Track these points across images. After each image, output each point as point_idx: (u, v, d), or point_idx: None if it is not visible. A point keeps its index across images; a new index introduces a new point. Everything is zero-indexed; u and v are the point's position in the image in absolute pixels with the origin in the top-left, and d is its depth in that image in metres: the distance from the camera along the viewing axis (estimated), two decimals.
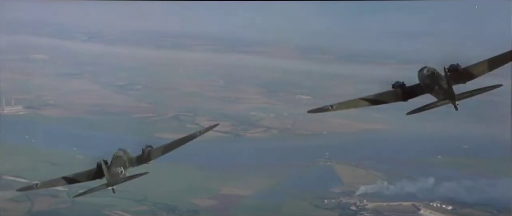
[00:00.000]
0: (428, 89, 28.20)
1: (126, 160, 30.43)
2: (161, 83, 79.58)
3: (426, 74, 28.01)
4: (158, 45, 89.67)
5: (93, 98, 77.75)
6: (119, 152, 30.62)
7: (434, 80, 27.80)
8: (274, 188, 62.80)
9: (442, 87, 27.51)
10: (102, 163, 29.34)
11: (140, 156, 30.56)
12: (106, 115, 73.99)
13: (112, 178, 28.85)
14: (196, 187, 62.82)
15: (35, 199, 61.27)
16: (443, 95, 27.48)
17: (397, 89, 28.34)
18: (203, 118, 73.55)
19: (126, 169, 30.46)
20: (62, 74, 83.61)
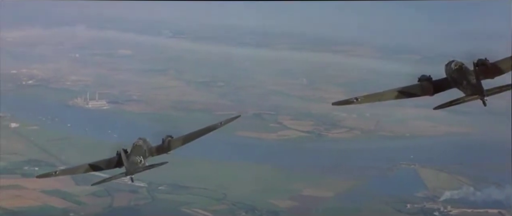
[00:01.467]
0: (455, 84, 26.41)
1: (146, 150, 29.78)
2: (244, 80, 79.25)
3: (453, 68, 26.72)
4: (242, 43, 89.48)
5: (176, 94, 77.82)
6: (139, 141, 30.02)
7: (462, 75, 26.01)
8: (355, 190, 61.59)
9: (470, 81, 25.72)
10: (121, 152, 28.80)
11: (160, 145, 29.87)
12: (188, 112, 73.92)
13: (131, 167, 28.26)
14: (277, 188, 62.02)
15: (115, 195, 61.44)
16: (471, 90, 25.66)
17: (423, 83, 27.19)
18: (286, 117, 72.88)
19: (146, 158, 29.85)
20: (146, 70, 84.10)
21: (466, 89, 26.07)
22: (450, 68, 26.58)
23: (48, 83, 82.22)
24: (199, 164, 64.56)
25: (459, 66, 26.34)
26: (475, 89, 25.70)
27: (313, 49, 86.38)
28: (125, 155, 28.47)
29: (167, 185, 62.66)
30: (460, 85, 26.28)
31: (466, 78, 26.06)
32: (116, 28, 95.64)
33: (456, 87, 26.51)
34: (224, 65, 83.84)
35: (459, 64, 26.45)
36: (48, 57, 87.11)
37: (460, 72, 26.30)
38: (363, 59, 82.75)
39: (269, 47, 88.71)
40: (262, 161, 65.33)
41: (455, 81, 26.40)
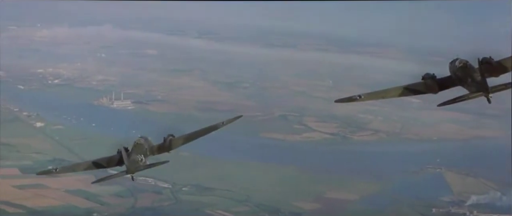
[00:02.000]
0: (460, 82, 26.47)
1: (147, 148, 29.68)
2: (269, 81, 78.86)
3: (458, 66, 26.56)
4: (268, 43, 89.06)
5: (201, 95, 77.55)
6: (140, 140, 29.92)
7: (466, 72, 26.12)
8: (380, 193, 61.10)
9: (475, 79, 25.82)
10: (122, 150, 28.64)
11: (161, 144, 29.79)
12: (213, 112, 73.56)
13: (132, 165, 28.08)
14: (301, 190, 61.64)
15: (138, 195, 61.39)
16: (476, 87, 25.80)
17: (427, 81, 26.97)
18: (311, 119, 72.44)
19: (147, 157, 29.67)
20: (171, 70, 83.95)
21: (470, 86, 25.99)
22: (454, 66, 26.50)
23: (74, 82, 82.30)
24: (223, 166, 64.44)
25: (464, 64, 26.24)
26: (480, 86, 25.63)
27: (339, 50, 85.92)
28: (126, 153, 28.30)
29: (191, 186, 62.51)
30: (464, 83, 26.19)
31: (470, 76, 25.98)
32: (142, 28, 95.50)
33: (461, 85, 26.40)
34: (249, 65, 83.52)
35: (464, 62, 26.32)
36: (75, 57, 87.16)
37: (465, 70, 26.21)
38: (389, 61, 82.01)
39: (295, 48, 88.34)
40: (286, 163, 65.02)
41: (460, 79, 26.32)
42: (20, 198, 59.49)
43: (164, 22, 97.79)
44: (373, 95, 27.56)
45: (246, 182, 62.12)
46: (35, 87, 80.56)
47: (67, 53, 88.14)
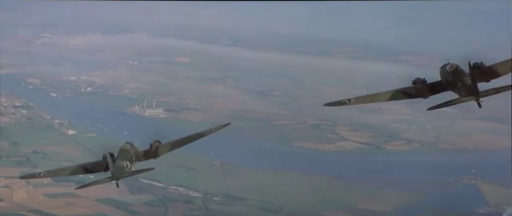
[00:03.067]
0: (450, 86, 26.49)
1: (132, 154, 29.07)
2: (302, 90, 78.17)
3: (449, 70, 26.63)
4: (301, 51, 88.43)
5: (233, 103, 77.08)
6: (126, 146, 29.35)
7: (457, 77, 26.09)
8: (414, 205, 60.15)
9: (465, 83, 25.76)
10: (108, 156, 28.06)
11: (147, 150, 29.21)
12: (245, 121, 73.09)
13: (117, 171, 27.50)
14: (333, 200, 60.92)
15: (169, 205, 61.05)
16: (466, 91, 25.80)
17: (418, 85, 26.83)
18: (344, 128, 71.67)
19: (133, 163, 29.08)
20: (204, 78, 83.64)
21: (461, 90, 26.10)
22: (445, 71, 26.61)
23: (106, 90, 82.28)
24: (255, 175, 63.92)
25: (455, 69, 26.30)
26: (470, 91, 25.58)
27: (375, 58, 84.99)
28: (112, 159, 27.80)
29: (222, 195, 61.99)
30: (455, 88, 26.25)
31: (461, 80, 26.01)
32: (176, 35, 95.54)
33: (451, 90, 26.47)
34: (282, 74, 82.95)
35: (455, 66, 26.36)
36: (108, 64, 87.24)
37: (455, 74, 26.25)
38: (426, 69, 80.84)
39: (328, 56, 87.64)
40: (319, 172, 64.34)
41: (450, 84, 26.39)
42: (51, 207, 59.44)
43: (198, 30, 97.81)
44: (363, 99, 27.87)
45: (278, 192, 61.49)
46: (68, 94, 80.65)
47: (100, 61, 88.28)
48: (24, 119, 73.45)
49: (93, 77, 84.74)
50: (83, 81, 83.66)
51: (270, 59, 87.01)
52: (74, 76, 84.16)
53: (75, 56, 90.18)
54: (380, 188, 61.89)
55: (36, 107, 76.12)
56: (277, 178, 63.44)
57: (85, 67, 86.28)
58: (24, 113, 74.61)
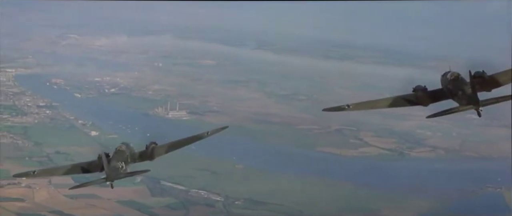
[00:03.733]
0: (450, 94, 26.62)
1: (128, 155, 28.60)
2: (327, 94, 77.61)
3: (449, 78, 26.60)
4: (326, 55, 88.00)
5: (256, 107, 76.71)
6: (122, 146, 28.91)
7: (457, 85, 26.23)
8: (437, 213, 59.45)
9: (466, 92, 25.81)
10: (103, 156, 27.58)
11: (143, 152, 28.75)
12: (269, 125, 72.76)
13: (112, 172, 27.01)
14: (356, 206, 60.36)
15: (190, 207, 60.77)
16: (466, 100, 25.85)
17: (418, 93, 26.49)
18: (367, 134, 71.02)
19: (128, 164, 28.60)
20: (228, 81, 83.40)
21: (461, 99, 25.92)
22: (446, 79, 26.44)
23: (130, 91, 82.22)
24: (277, 179, 63.48)
25: (455, 77, 26.08)
26: (470, 99, 25.29)
27: (400, 63, 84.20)
28: (107, 159, 27.37)
29: (244, 200, 61.61)
30: (455, 96, 25.97)
31: (461, 89, 25.76)
32: (201, 38, 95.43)
33: (451, 98, 26.27)
34: (306, 78, 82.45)
35: (455, 74, 26.14)
36: (132, 66, 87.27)
37: (456, 83, 26.04)
38: None
39: (353, 60, 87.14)
40: (341, 178, 63.80)
41: (451, 92, 26.22)
42: (72, 207, 59.34)
43: (223, 32, 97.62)
44: (362, 105, 27.73)
45: (299, 197, 60.99)
46: (92, 95, 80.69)
47: (125, 62, 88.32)
48: (47, 119, 73.53)
49: (117, 78, 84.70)
50: (107, 82, 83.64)
51: (294, 62, 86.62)
52: (98, 77, 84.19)
53: (100, 57, 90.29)
54: (403, 196, 61.23)
55: (60, 107, 76.19)
56: (299, 183, 62.94)
57: (110, 68, 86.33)
58: (48, 113, 74.70)
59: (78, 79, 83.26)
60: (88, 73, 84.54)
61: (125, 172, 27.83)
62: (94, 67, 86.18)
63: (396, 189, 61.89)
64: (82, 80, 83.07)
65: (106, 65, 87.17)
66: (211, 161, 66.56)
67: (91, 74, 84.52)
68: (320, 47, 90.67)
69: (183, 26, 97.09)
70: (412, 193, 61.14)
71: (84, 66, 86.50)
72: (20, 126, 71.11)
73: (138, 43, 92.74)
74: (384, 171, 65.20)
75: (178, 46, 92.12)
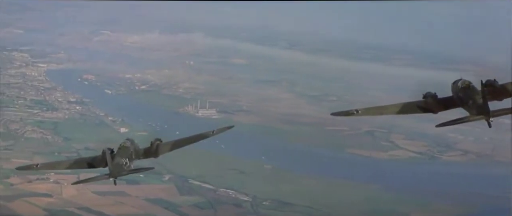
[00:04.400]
0: (461, 103, 25.81)
1: (132, 152, 28.01)
2: (357, 96, 76.93)
3: (460, 86, 25.84)
4: (358, 57, 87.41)
5: (286, 107, 76.30)
6: (126, 142, 28.32)
7: (468, 94, 25.42)
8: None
9: (476, 102, 24.94)
10: (106, 152, 27.01)
11: (147, 148, 28.13)
12: (298, 125, 72.32)
13: (115, 169, 26.46)
14: (384, 209, 59.75)
15: (218, 207, 60.50)
16: (477, 110, 24.95)
17: (428, 100, 25.84)
18: (398, 136, 70.36)
19: (132, 161, 28.04)
20: (259, 80, 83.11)
21: (471, 108, 25.21)
22: (457, 87, 25.79)
23: (161, 89, 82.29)
24: (306, 180, 63.10)
25: (467, 85, 25.40)
26: (481, 109, 24.58)
27: (433, 66, 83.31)
28: (111, 155, 26.84)
29: (272, 200, 61.24)
30: (465, 105, 25.32)
31: (472, 98, 25.09)
32: (233, 37, 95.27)
33: (462, 107, 25.59)
34: (337, 79, 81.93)
35: (467, 83, 25.46)
36: (163, 63, 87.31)
37: (467, 91, 25.36)
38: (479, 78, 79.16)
39: (385, 62, 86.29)
40: (371, 181, 63.19)
41: (461, 100, 25.55)
42: (100, 204, 59.35)
43: (255, 31, 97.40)
44: (371, 111, 27.09)
45: (327, 199, 60.51)
46: (122, 92, 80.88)
47: (156, 60, 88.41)
48: (78, 115, 73.76)
49: (148, 75, 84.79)
50: (138, 79, 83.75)
51: (326, 63, 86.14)
52: (129, 74, 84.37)
53: (132, 53, 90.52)
54: (432, 200, 60.52)
55: (90, 104, 76.39)
56: (328, 184, 62.50)
57: (141, 65, 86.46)
58: (78, 109, 74.94)
59: (109, 76, 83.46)
60: (119, 70, 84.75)
61: (128, 168, 27.36)
62: (126, 63, 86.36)
63: (425, 193, 61.19)
64: (113, 76, 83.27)
65: (138, 62, 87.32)
66: (239, 160, 66.36)
67: (122, 71, 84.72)
68: (352, 48, 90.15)
69: (215, 24, 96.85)
70: (441, 197, 60.43)
71: (115, 63, 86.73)
72: (50, 122, 71.37)
73: (170, 41, 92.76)
74: (414, 175, 64.54)
75: (209, 45, 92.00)
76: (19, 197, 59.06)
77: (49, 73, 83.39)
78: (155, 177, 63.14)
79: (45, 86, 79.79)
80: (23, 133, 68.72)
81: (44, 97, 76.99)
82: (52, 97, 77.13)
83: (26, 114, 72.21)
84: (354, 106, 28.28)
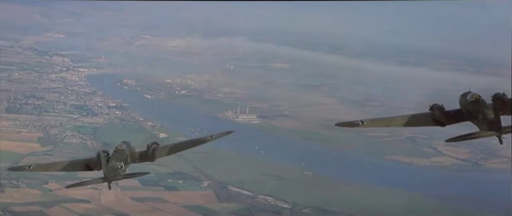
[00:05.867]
0: (470, 117, 25.49)
1: (128, 155, 27.17)
2: (400, 101, 75.61)
3: (469, 100, 24.56)
4: (400, 61, 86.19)
5: (328, 112, 75.22)
6: (122, 145, 27.58)
7: (478, 108, 25.11)
8: None
9: (487, 116, 24.53)
10: (101, 154, 26.14)
11: (144, 152, 27.26)
12: (339, 131, 70.93)
13: (110, 172, 25.60)
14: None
15: (257, 214, 59.84)
16: (488, 125, 24.65)
17: (435, 112, 24.82)
18: (441, 142, 68.39)
19: (127, 164, 27.17)
20: (300, 85, 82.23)
21: (481, 123, 24.10)
22: (465, 100, 24.85)
23: (201, 94, 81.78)
24: (346, 188, 62.15)
25: (476, 99, 24.36)
26: (493, 125, 23.51)
27: (477, 71, 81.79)
28: (105, 158, 26.07)
29: (312, 208, 60.33)
30: (475, 119, 24.23)
31: (482, 112, 24.01)
32: (274, 41, 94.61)
33: (470, 121, 24.66)
34: (380, 84, 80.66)
35: (476, 96, 24.48)
36: (204, 68, 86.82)
37: (477, 105, 24.37)
38: None
39: (428, 67, 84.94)
40: (412, 188, 62.00)
41: (470, 114, 24.53)
42: (137, 211, 58.99)
43: (297, 35, 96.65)
44: (377, 122, 26.38)
45: (369, 207, 59.45)
46: (162, 97, 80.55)
47: (197, 64, 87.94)
48: (117, 120, 73.54)
49: (188, 80, 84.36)
50: (178, 84, 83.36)
51: (368, 68, 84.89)
52: (169, 78, 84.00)
53: (172, 58, 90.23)
54: (476, 209, 59.22)
55: (130, 108, 76.14)
56: (368, 192, 61.44)
57: (181, 69, 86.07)
58: (117, 114, 74.75)
59: (149, 80, 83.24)
60: (159, 74, 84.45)
61: (124, 173, 26.59)
62: (166, 68, 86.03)
63: (468, 202, 59.93)
64: (153, 81, 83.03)
65: (178, 66, 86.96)
66: (279, 166, 65.57)
67: (162, 75, 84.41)
68: (395, 53, 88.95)
69: (256, 28, 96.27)
70: (485, 207, 59.11)
71: (155, 67, 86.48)
72: (90, 127, 71.26)
73: (211, 45, 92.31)
74: (457, 182, 63.22)
75: (250, 49, 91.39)
76: (57, 203, 58.92)
77: (89, 77, 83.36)
78: (193, 183, 62.80)
79: (85, 90, 79.74)
80: (63, 138, 68.67)
81: (84, 101, 76.94)
82: (92, 102, 77.04)
83: (66, 119, 72.16)
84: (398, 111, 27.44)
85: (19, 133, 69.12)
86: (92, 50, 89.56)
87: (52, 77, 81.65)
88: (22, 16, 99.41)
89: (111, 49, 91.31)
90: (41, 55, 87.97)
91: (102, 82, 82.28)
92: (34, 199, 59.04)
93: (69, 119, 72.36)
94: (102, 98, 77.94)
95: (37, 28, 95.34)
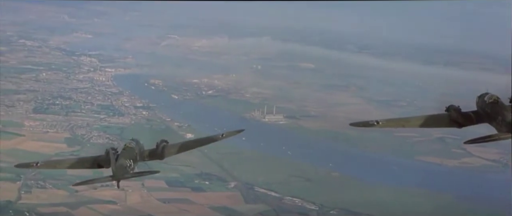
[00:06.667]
0: (487, 119, 24.35)
1: (137, 153, 26.52)
2: (428, 101, 74.60)
3: (487, 101, 24.00)
4: (428, 61, 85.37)
5: (355, 112, 74.43)
6: (131, 143, 26.84)
7: (496, 110, 23.93)
8: None
9: (506, 119, 23.45)
10: (110, 152, 25.53)
11: (153, 150, 26.57)
12: (366, 132, 70.19)
13: (119, 171, 24.97)
14: None
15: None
16: (507, 128, 23.44)
17: (451, 113, 23.97)
18: None
19: (136, 163, 26.56)
20: (327, 85, 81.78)
21: (500, 126, 23.22)
22: (483, 101, 23.94)
23: (228, 94, 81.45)
24: (374, 189, 61.39)
25: (494, 100, 23.50)
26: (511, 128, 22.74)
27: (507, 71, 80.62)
28: (114, 156, 25.44)
29: (339, 209, 59.61)
30: (493, 121, 23.36)
31: (501, 114, 23.09)
32: (301, 41, 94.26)
33: (488, 123, 23.80)
34: (408, 83, 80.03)
35: (495, 97, 23.62)
36: (231, 68, 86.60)
37: (495, 107, 23.53)
38: None
39: (457, 66, 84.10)
40: (442, 189, 61.12)
41: (488, 116, 23.64)
42: (163, 212, 58.60)
43: (324, 35, 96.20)
44: (392, 123, 25.57)
45: (397, 209, 58.65)
46: (189, 97, 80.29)
47: (224, 64, 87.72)
48: (144, 120, 73.33)
49: (215, 80, 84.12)
50: (205, 84, 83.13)
51: (396, 67, 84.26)
52: (196, 79, 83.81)
53: (199, 58, 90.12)
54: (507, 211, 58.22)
55: (156, 109, 75.95)
56: (397, 193, 60.68)
57: (208, 69, 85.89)
58: (144, 114, 74.56)
59: (176, 80, 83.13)
60: (186, 75, 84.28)
61: (133, 171, 26.08)
62: (193, 68, 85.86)
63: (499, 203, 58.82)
64: (180, 81, 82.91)
65: (205, 66, 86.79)
66: (306, 167, 64.99)
67: (189, 76, 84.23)
68: (423, 52, 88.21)
69: (283, 28, 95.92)
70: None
71: (182, 67, 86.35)
72: (117, 127, 71.09)
73: (238, 45, 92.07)
74: (487, 183, 62.24)
75: (278, 49, 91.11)
76: (83, 204, 58.72)
77: (116, 77, 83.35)
78: (220, 184, 62.40)
79: (112, 91, 79.68)
80: (90, 138, 68.56)
81: (111, 102, 76.84)
82: (119, 102, 76.92)
83: (93, 119, 72.06)
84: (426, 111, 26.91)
85: (46, 134, 69.10)
86: (119, 50, 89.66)
87: (79, 77, 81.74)
88: (50, 17, 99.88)
89: (138, 49, 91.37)
90: (68, 55, 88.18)
91: (129, 82, 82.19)
92: (60, 200, 58.85)
93: (96, 119, 72.25)
94: (129, 98, 77.82)
95: (64, 29, 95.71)
